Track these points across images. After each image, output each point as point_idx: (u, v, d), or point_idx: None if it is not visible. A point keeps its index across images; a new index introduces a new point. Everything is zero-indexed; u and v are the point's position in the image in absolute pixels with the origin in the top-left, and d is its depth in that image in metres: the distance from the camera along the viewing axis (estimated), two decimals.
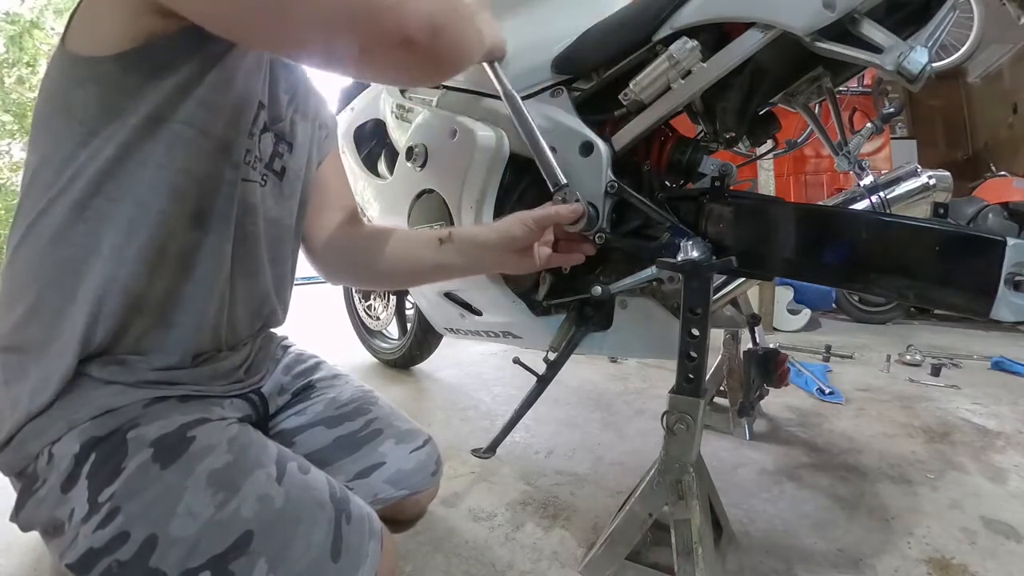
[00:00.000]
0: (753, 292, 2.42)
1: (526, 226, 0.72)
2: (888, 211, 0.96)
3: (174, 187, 0.56)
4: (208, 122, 0.56)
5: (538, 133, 0.77)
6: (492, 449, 0.85)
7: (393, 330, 1.88)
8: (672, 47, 0.66)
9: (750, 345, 1.12)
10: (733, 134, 0.78)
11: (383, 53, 0.49)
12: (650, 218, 0.76)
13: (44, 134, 0.55)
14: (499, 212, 0.88)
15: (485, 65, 0.80)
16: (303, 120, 0.75)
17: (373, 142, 1.36)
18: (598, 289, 0.76)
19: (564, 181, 0.75)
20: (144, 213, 0.55)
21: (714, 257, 0.66)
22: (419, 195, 1.04)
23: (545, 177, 0.76)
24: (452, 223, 0.95)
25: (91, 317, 0.54)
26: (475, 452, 0.85)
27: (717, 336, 1.06)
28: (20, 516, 0.55)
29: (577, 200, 0.73)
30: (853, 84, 2.47)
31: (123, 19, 0.50)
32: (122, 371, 0.56)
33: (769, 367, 1.07)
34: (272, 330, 0.81)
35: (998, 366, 1.84)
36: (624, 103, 0.74)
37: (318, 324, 2.70)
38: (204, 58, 0.54)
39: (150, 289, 0.57)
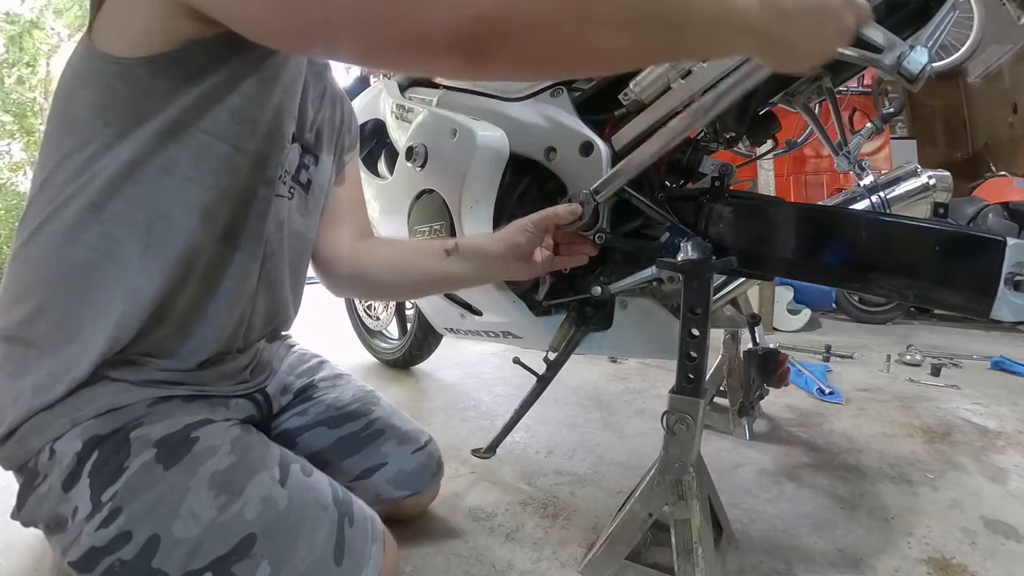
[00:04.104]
0: (753, 292, 2.42)
1: (528, 232, 0.72)
2: (888, 211, 0.96)
3: (205, 205, 0.55)
4: (242, 137, 0.55)
5: None
6: (492, 449, 0.85)
7: (393, 330, 1.88)
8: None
9: (750, 345, 1.13)
10: (733, 134, 0.78)
11: (430, 59, 0.41)
12: (650, 218, 0.76)
13: (66, 132, 0.54)
14: (499, 212, 0.88)
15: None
16: (328, 131, 0.74)
17: (373, 142, 1.36)
18: (598, 289, 0.77)
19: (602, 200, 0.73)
20: (171, 227, 0.54)
21: (714, 257, 0.66)
22: (419, 195, 1.04)
23: (601, 180, 0.73)
24: (452, 223, 0.95)
25: (115, 329, 0.53)
26: (475, 452, 0.85)
27: (717, 336, 1.06)
28: (22, 512, 0.55)
29: (591, 208, 0.73)
30: (853, 84, 2.47)
31: (156, 21, 0.48)
32: (129, 371, 0.56)
33: (769, 367, 1.08)
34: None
35: (998, 366, 1.84)
36: (624, 103, 0.74)
37: (319, 324, 2.69)
38: (240, 66, 0.52)
39: (174, 303, 0.56)
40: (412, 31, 0.38)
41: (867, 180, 1.00)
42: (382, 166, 1.36)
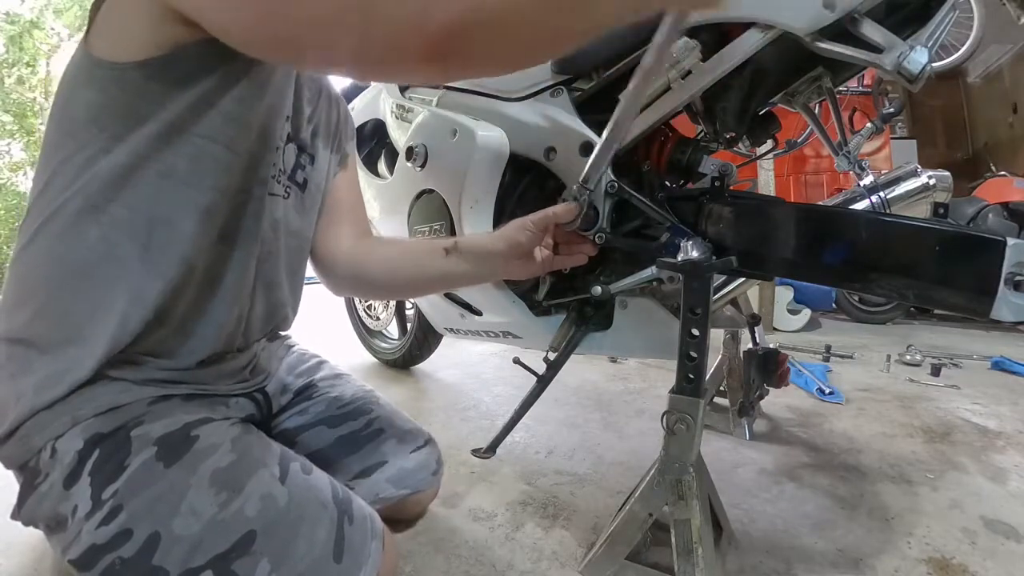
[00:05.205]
0: (753, 292, 2.42)
1: (528, 231, 0.72)
2: (888, 211, 0.96)
3: (204, 207, 0.55)
4: (236, 138, 0.56)
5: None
6: (492, 449, 0.85)
7: (393, 330, 1.88)
8: (672, 47, 0.66)
9: (750, 345, 1.12)
10: (733, 134, 0.78)
11: (405, 69, 0.43)
12: (650, 218, 0.76)
13: (64, 135, 0.54)
14: (499, 212, 0.88)
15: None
16: (324, 131, 0.75)
17: (373, 142, 1.36)
18: (598, 289, 0.77)
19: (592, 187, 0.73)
20: (171, 231, 0.54)
21: (714, 257, 0.66)
22: (419, 195, 1.04)
23: (586, 169, 0.71)
24: (452, 223, 0.95)
25: (117, 329, 0.54)
26: (475, 452, 0.85)
27: (717, 336, 1.06)
28: (22, 511, 0.55)
29: (587, 201, 0.73)
30: (853, 84, 2.47)
31: (148, 26, 0.49)
32: (129, 370, 0.56)
33: (769, 367, 1.08)
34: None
35: (998, 366, 1.84)
36: None
37: (319, 324, 2.70)
38: (230, 70, 0.53)
39: (175, 303, 0.57)
40: (382, 44, 0.40)
41: (867, 180, 1.00)
42: (382, 166, 1.36)
